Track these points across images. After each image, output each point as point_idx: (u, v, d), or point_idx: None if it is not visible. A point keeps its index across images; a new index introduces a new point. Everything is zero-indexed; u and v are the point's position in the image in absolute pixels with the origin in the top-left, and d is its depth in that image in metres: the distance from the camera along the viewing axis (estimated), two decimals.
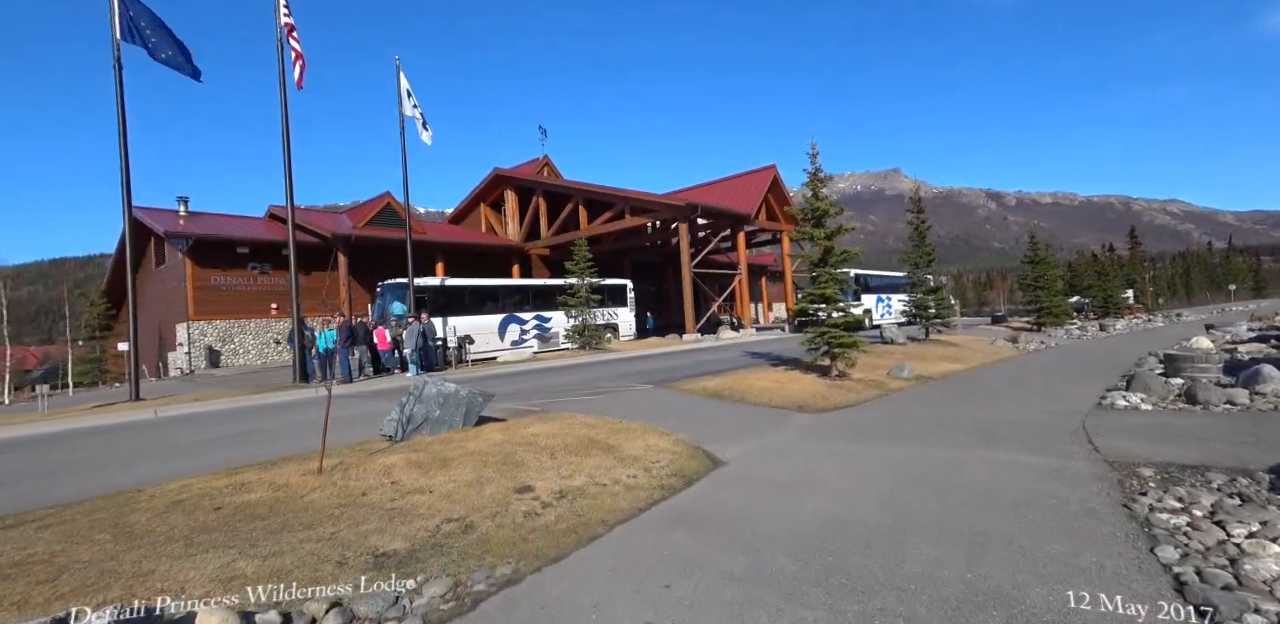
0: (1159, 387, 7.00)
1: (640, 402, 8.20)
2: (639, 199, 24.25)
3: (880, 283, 27.84)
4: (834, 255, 10.08)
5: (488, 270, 25.41)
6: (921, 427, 6.15)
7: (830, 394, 8.87)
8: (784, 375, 10.36)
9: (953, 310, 19.16)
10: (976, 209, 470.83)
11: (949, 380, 10.31)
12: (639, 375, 11.60)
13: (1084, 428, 5.53)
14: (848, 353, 9.86)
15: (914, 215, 17.03)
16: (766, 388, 9.13)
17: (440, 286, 17.80)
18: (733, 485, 4.41)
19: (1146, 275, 59.80)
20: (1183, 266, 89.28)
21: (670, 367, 13.26)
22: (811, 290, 10.11)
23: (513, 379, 12.22)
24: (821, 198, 10.12)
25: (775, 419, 7.18)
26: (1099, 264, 38.08)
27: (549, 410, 7.57)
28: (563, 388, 10.17)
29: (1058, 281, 24.15)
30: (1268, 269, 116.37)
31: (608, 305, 23.32)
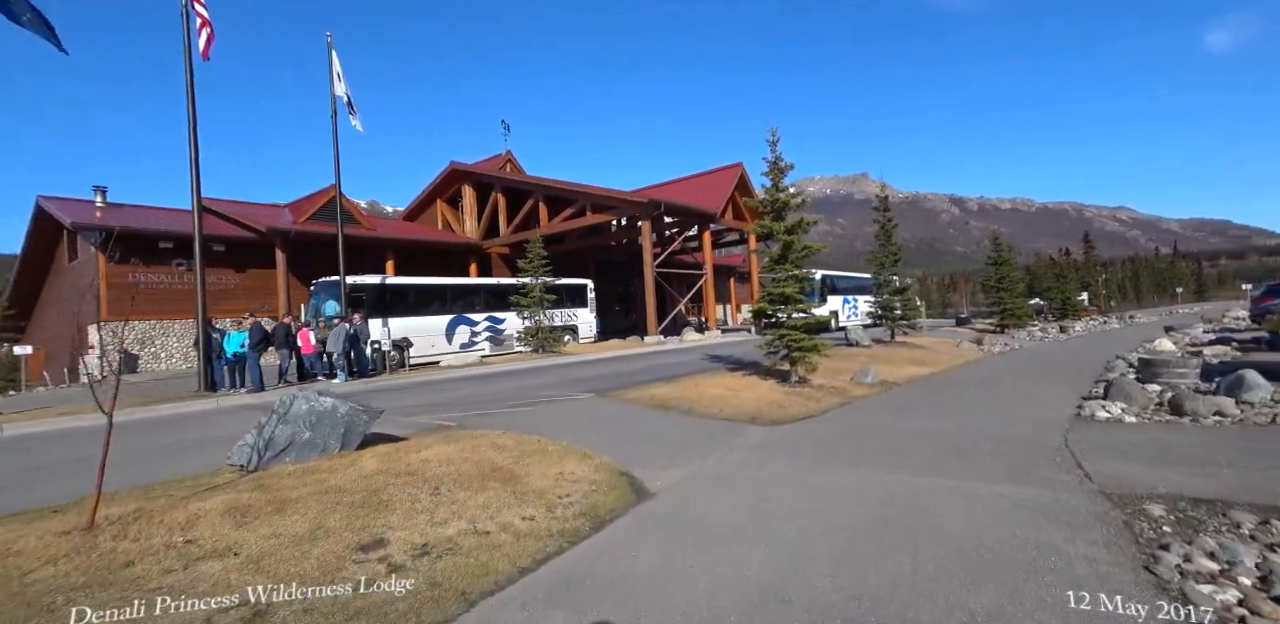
0: (1140, 395, 6.38)
1: (576, 414, 7.23)
2: (601, 196, 23.28)
3: (847, 284, 27.51)
4: (795, 251, 9.30)
5: (443, 269, 24.04)
6: (886, 444, 5.35)
7: (788, 403, 8.05)
8: (741, 381, 9.52)
9: (919, 312, 18.74)
10: (940, 214, 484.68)
11: (915, 386, 9.63)
12: (586, 382, 10.63)
13: (1068, 445, 4.80)
14: (808, 357, 9.09)
15: (880, 214, 16.52)
16: (719, 396, 8.26)
17: (381, 285, 16.49)
18: (653, 531, 3.49)
19: (1100, 279, 61.69)
20: (1132, 271, 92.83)
21: (623, 371, 12.32)
22: (771, 289, 9.31)
23: (446, 386, 11.09)
24: (782, 189, 9.34)
25: (724, 434, 6.30)
26: (1057, 267, 38.73)
27: (465, 426, 6.54)
28: (496, 397, 9.12)
29: (1019, 284, 24.13)
30: (1208, 274, 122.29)
31: (566, 306, 22.27)
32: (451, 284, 18.66)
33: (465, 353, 17.98)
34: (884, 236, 16.65)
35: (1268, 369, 7.89)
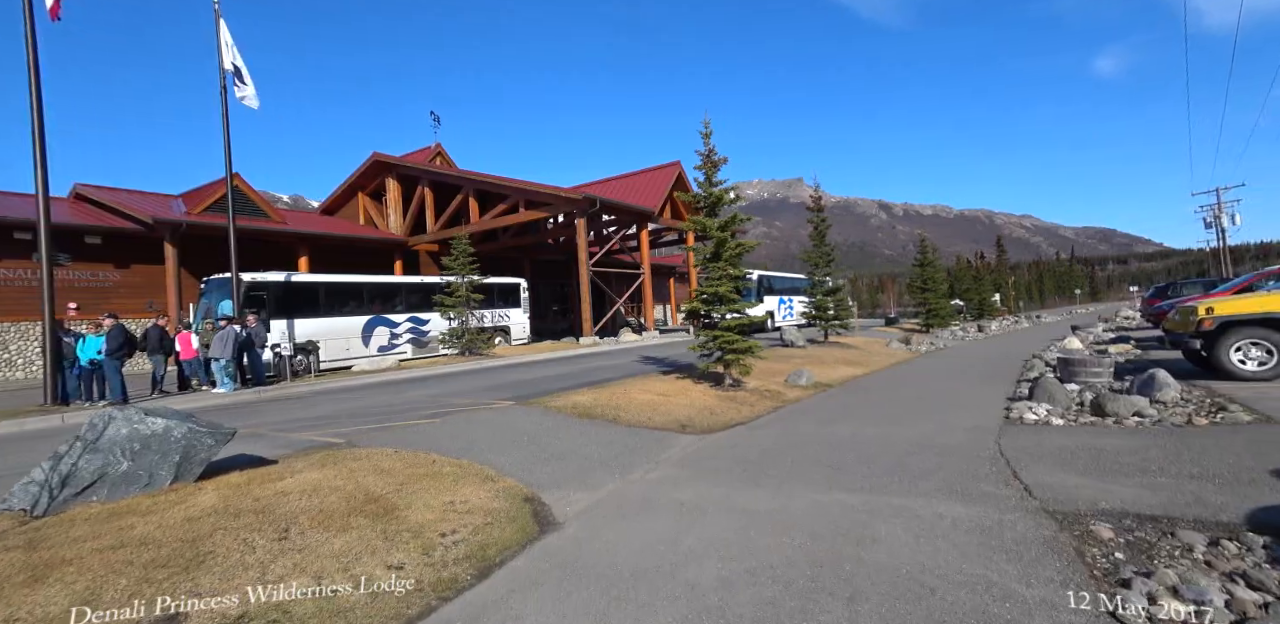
0: (1062, 395, 6.38)
1: (487, 425, 6.48)
2: (534, 191, 22.35)
3: (783, 285, 27.87)
4: (729, 249, 8.92)
5: (366, 268, 22.28)
6: (820, 455, 4.97)
7: (721, 408, 7.64)
8: (673, 385, 9.05)
9: (851, 312, 19.07)
10: (870, 218, 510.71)
11: (849, 388, 9.50)
12: (509, 387, 9.84)
13: (1003, 453, 4.57)
14: (742, 359, 8.74)
15: (815, 215, 16.61)
16: (649, 402, 7.74)
17: (285, 283, 14.92)
18: (550, 579, 2.86)
19: (1009, 281, 66.48)
20: (1037, 274, 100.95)
21: (551, 375, 11.60)
22: (704, 288, 8.89)
23: (351, 395, 9.99)
24: (716, 183, 8.94)
25: (650, 446, 5.76)
26: (975, 270, 41.13)
27: (355, 443, 5.66)
28: (402, 407, 8.19)
29: (943, 285, 25.22)
30: (1099, 277, 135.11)
31: (497, 306, 21.23)
32: (368, 282, 17.22)
33: (384, 356, 16.66)
34: (817, 237, 16.76)
35: (1172, 367, 8.23)
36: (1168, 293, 18.42)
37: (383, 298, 17.56)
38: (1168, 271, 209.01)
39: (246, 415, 8.19)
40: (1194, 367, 7.84)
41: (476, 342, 16.54)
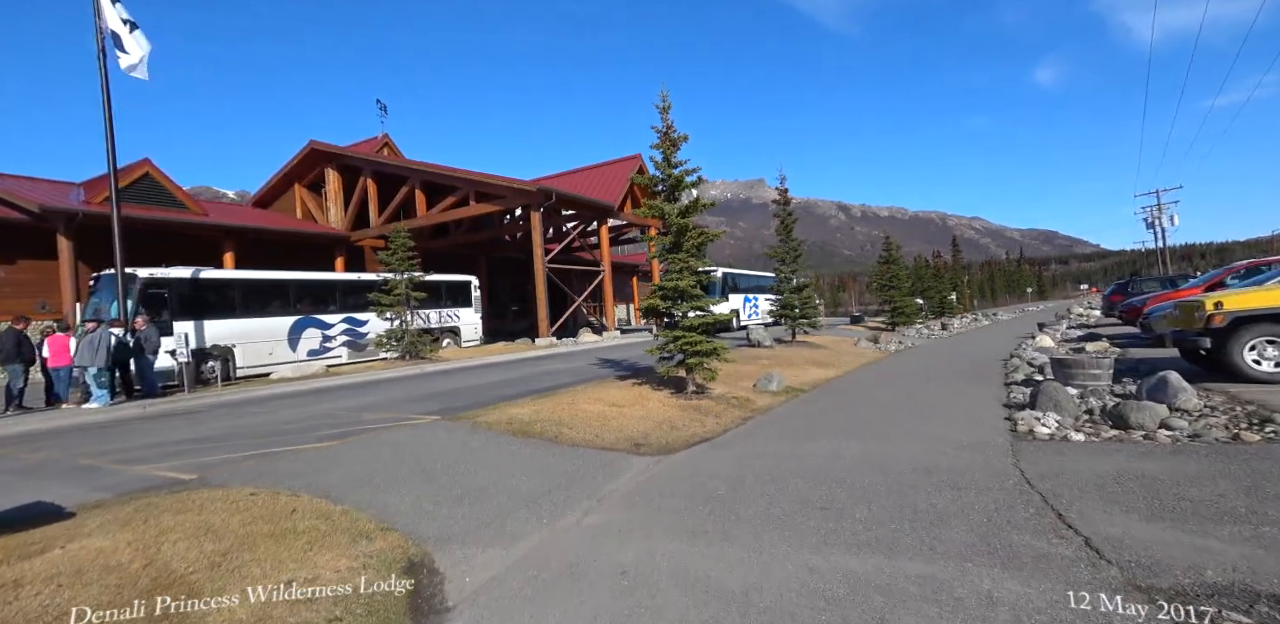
0: (1069, 403, 5.57)
1: (395, 450, 5.23)
2: (485, 183, 20.92)
3: (748, 283, 27.14)
4: (690, 238, 7.88)
5: (305, 264, 20.27)
6: (804, 487, 3.95)
7: (682, 421, 6.58)
8: (629, 393, 7.95)
9: (818, 311, 18.40)
10: (830, 219, 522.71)
11: (824, 392, 8.60)
12: (442, 397, 8.56)
13: (1030, 483, 3.65)
14: (706, 363, 7.71)
15: (780, 207, 15.81)
16: (600, 415, 6.61)
17: (192, 280, 13.14)
18: None
19: (964, 280, 68.20)
20: (989, 273, 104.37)
21: (495, 381, 10.34)
22: (664, 283, 7.82)
23: (251, 409, 8.49)
24: (675, 164, 7.88)
25: (594, 474, 4.65)
26: (936, 269, 41.61)
27: (208, 481, 4.33)
28: (304, 425, 6.82)
29: (907, 282, 24.98)
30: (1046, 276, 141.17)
31: (446, 305, 19.74)
32: (295, 279, 15.49)
33: (315, 361, 15.01)
34: (784, 232, 15.97)
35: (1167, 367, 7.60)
36: (1128, 289, 18.47)
37: (313, 297, 15.87)
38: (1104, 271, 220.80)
39: (105, 438, 6.67)
40: (1193, 366, 7.24)
41: (417, 344, 15.05)
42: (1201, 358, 7.15)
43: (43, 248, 17.08)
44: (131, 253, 17.01)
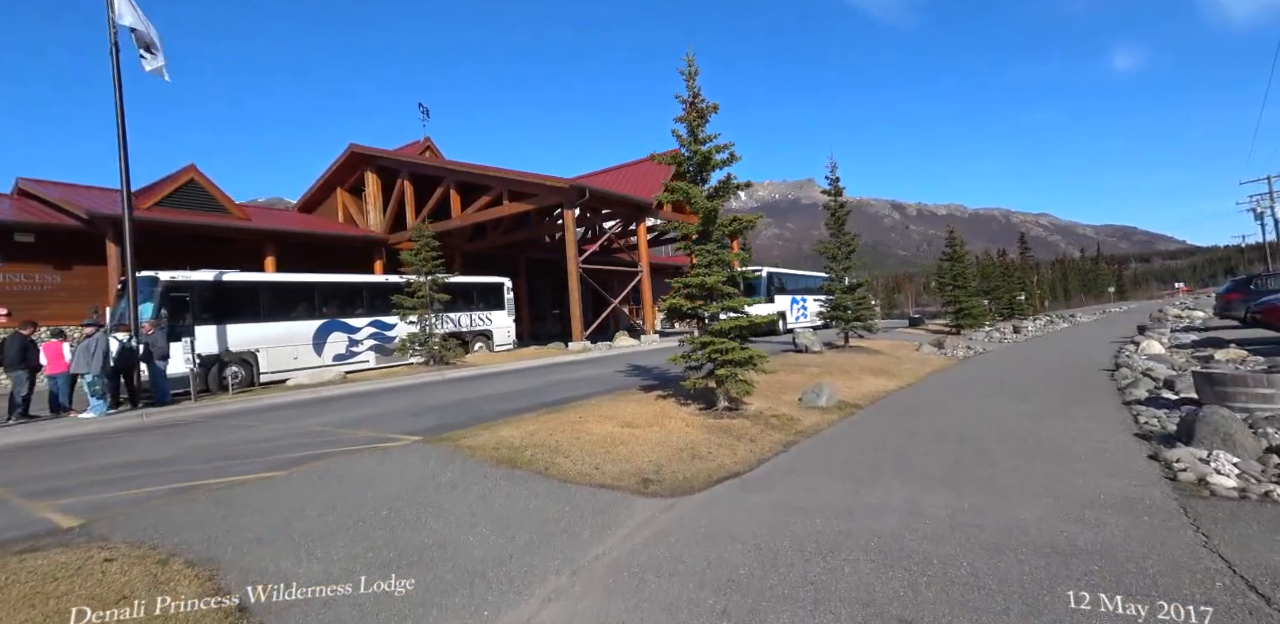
0: (1247, 439, 4.01)
1: (343, 485, 4.26)
2: (517, 181, 20.24)
3: (796, 284, 25.39)
4: (720, 225, 6.64)
5: (343, 267, 20.10)
6: (866, 576, 2.67)
7: (706, 447, 5.34)
8: (650, 408, 6.78)
9: (874, 312, 16.68)
10: (883, 219, 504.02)
11: (885, 410, 7.15)
12: (442, 410, 7.64)
13: (1251, 586, 2.25)
14: (740, 373, 6.43)
15: (832, 199, 14.26)
16: (608, 438, 5.47)
17: (214, 282, 12.89)
18: None
19: (1034, 279, 63.23)
20: (1061, 272, 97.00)
21: (510, 391, 9.40)
22: (688, 280, 6.61)
23: (238, 422, 7.81)
24: (702, 139, 6.66)
25: (579, 526, 3.51)
26: (1005, 266, 38.35)
27: (90, 531, 3.45)
28: (271, 445, 5.99)
29: (974, 281, 22.68)
30: (1126, 275, 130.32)
31: (477, 308, 19.14)
32: (321, 282, 15.14)
33: (339, 366, 14.58)
34: (835, 225, 14.39)
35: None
36: (1250, 286, 15.78)
37: (339, 300, 15.49)
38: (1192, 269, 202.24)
39: (57, 457, 6.07)
40: None
41: (442, 349, 14.38)
42: None
43: (95, 254, 17.49)
44: (177, 257, 17.24)
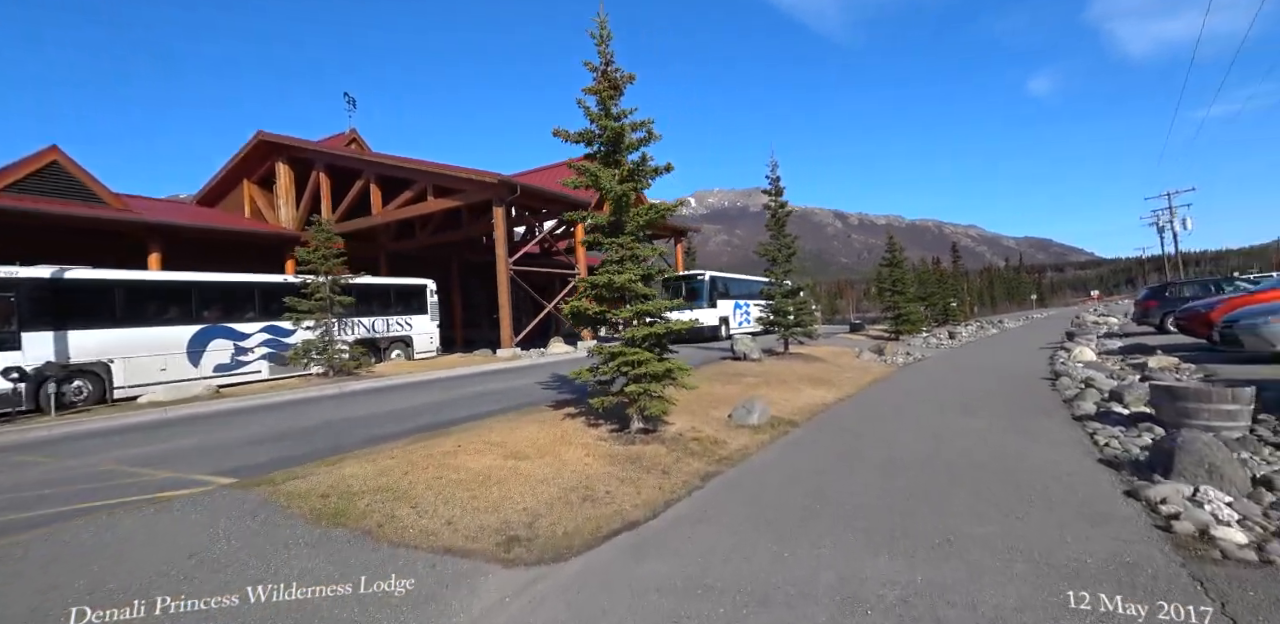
0: (1234, 471, 3.33)
1: (44, 570, 2.94)
2: (443, 175, 18.72)
3: (741, 289, 24.86)
4: (637, 214, 5.66)
5: (249, 267, 17.72)
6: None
7: (605, 485, 4.30)
8: (552, 432, 5.68)
9: (815, 318, 16.21)
10: (826, 227, 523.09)
11: (822, 429, 6.33)
12: (299, 438, 6.25)
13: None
14: (654, 389, 5.43)
15: (772, 199, 13.63)
16: (483, 473, 4.34)
17: (51, 281, 10.84)
18: None
19: (965, 287, 66.28)
20: (989, 280, 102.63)
21: (403, 409, 8.07)
22: (594, 278, 5.58)
23: (15, 458, 6.15)
24: (615, 115, 5.66)
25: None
26: (939, 274, 39.55)
27: None
28: (28, 496, 4.51)
29: (912, 287, 22.82)
30: (1045, 284, 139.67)
31: (396, 312, 17.50)
32: (200, 281, 13.20)
33: (222, 378, 12.72)
34: (776, 226, 13.76)
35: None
36: (1165, 294, 16.32)
37: (225, 302, 13.59)
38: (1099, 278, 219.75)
39: None
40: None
41: (344, 358, 12.75)
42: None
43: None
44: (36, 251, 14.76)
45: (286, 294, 13.65)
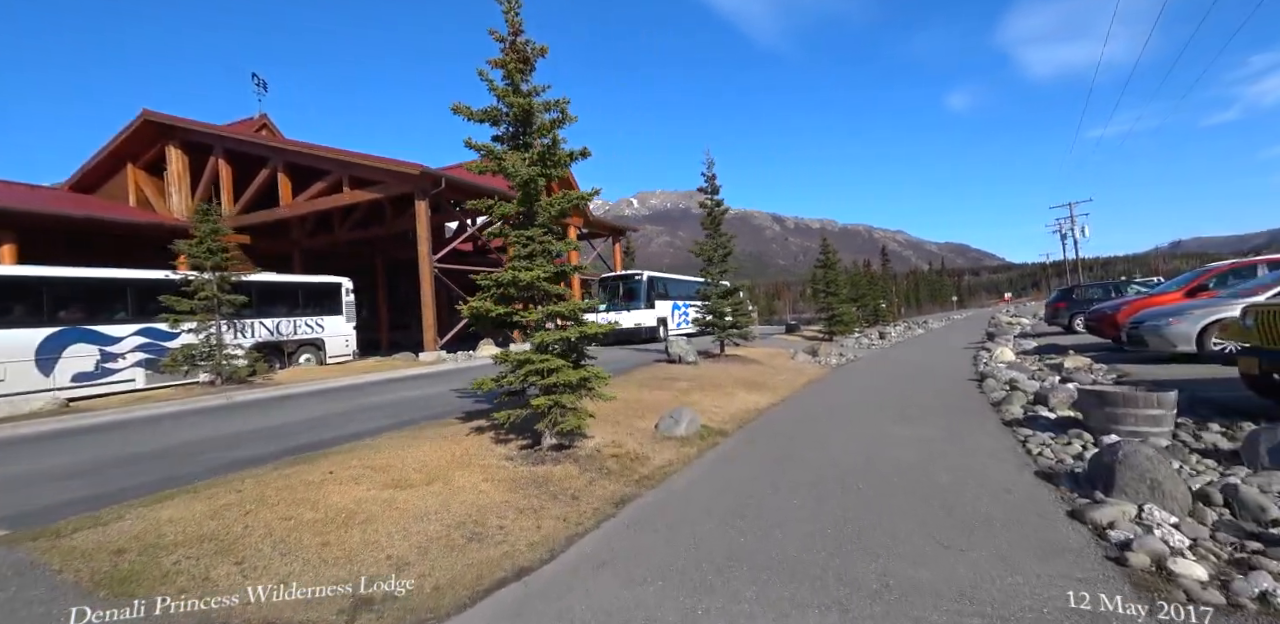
0: (1177, 487, 3.10)
1: None
2: (360, 164, 17.28)
3: (680, 290, 24.60)
4: (550, 203, 5.01)
5: (134, 263, 15.49)
6: None
7: (500, 519, 3.64)
8: (451, 450, 4.94)
9: (752, 319, 16.07)
10: (765, 230, 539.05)
11: (754, 440, 5.90)
12: (131, 466, 5.17)
13: None
14: (566, 401, 4.80)
15: (708, 196, 13.30)
16: (350, 509, 3.57)
17: None
18: None
19: (893, 289, 69.63)
20: (914, 282, 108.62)
21: (292, 423, 7.04)
22: (498, 275, 4.90)
23: None
24: (525, 92, 4.99)
25: None
26: (870, 276, 41.06)
27: None
28: None
29: (845, 288, 23.32)
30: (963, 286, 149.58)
31: (306, 312, 15.97)
32: (48, 276, 11.34)
33: (83, 389, 11.01)
34: (711, 225, 13.45)
35: (1206, 395, 5.45)
36: (1072, 296, 17.33)
37: (88, 301, 11.81)
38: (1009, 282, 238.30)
39: None
40: (1264, 400, 5.08)
41: (235, 364, 11.31)
42: (1270, 388, 5.02)
43: None
44: None
45: (167, 292, 11.99)
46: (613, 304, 21.74)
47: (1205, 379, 6.54)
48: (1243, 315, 4.97)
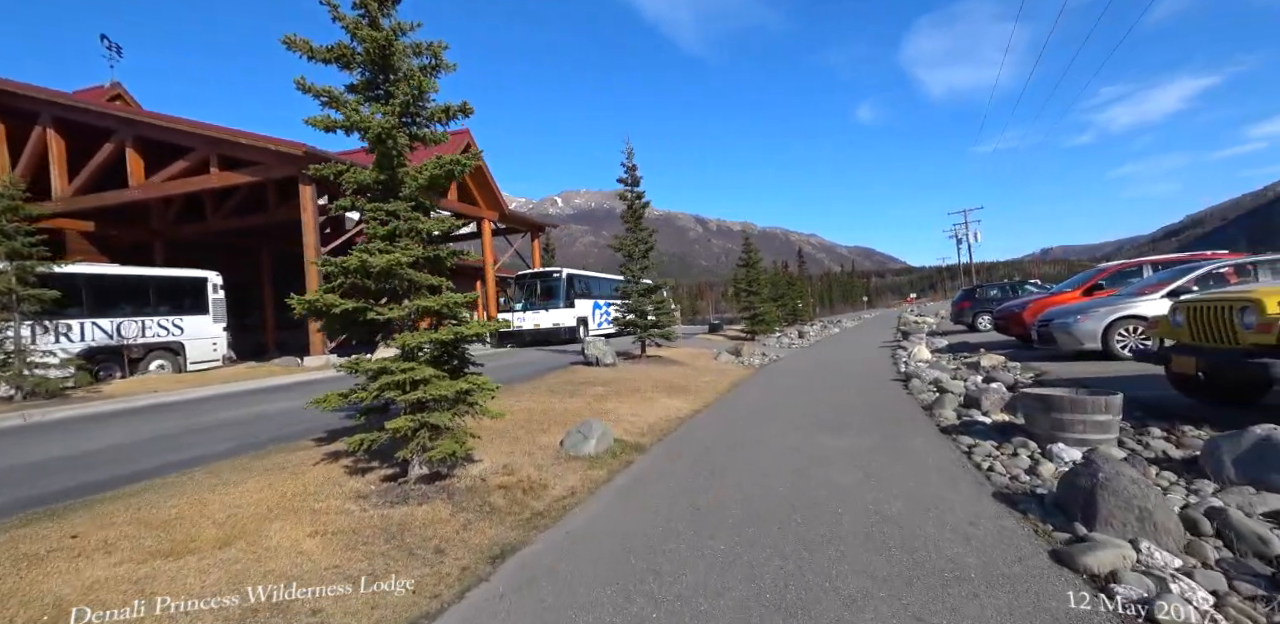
0: (1168, 519, 2.59)
1: None
2: (231, 141, 14.95)
3: (601, 289, 23.67)
4: (418, 170, 3.94)
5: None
6: None
7: (316, 601, 2.54)
8: (280, 489, 3.74)
9: (674, 319, 15.45)
10: (688, 231, 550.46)
11: (672, 456, 5.09)
12: None
13: None
14: (435, 419, 3.76)
15: (628, 189, 12.50)
16: (63, 604, 2.34)
17: None
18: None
19: (809, 289, 72.71)
20: (828, 284, 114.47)
21: (81, 453, 5.44)
22: (345, 261, 3.76)
23: None
24: (382, 27, 3.89)
25: None
26: (789, 277, 42.16)
27: None
28: None
29: (766, 288, 23.41)
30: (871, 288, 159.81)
31: (160, 312, 13.59)
32: None
33: None
34: (632, 219, 12.66)
35: (1134, 395, 5.28)
36: (974, 296, 18.17)
37: None
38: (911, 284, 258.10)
39: None
40: (1190, 398, 4.94)
41: (42, 373, 9.10)
42: (1197, 387, 4.88)
43: None
44: None
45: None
46: (530, 303, 20.50)
47: (1124, 376, 6.53)
48: (1172, 312, 4.79)
